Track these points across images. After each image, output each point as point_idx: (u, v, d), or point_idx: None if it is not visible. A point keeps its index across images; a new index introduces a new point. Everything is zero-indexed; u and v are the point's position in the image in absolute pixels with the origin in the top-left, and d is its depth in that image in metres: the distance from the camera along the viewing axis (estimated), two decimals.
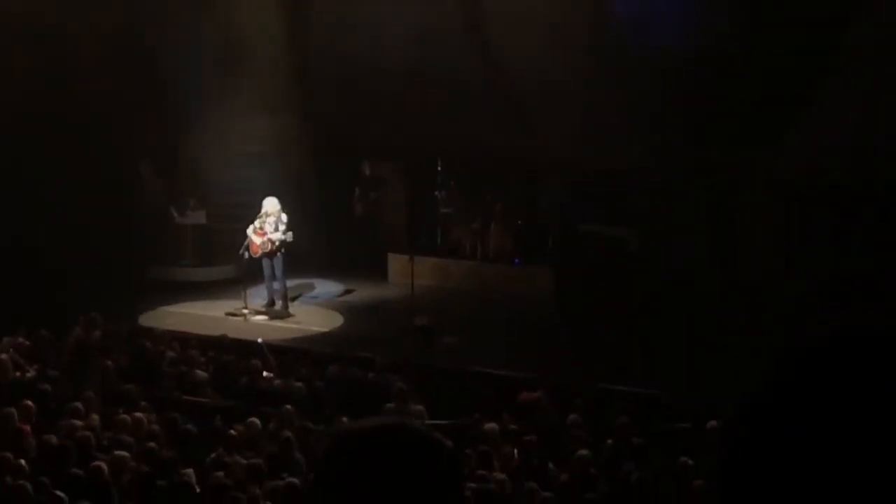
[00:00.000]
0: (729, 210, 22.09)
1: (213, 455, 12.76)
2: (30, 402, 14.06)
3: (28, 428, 13.23)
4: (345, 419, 12.82)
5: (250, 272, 20.91)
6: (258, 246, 20.57)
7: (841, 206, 20.95)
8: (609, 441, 13.67)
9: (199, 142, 23.20)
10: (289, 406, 14.64)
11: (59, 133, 22.28)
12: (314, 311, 21.33)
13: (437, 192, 23.52)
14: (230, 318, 20.65)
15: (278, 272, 20.76)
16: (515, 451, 13.41)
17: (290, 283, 21.26)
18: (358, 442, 2.19)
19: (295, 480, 11.47)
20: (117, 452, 12.29)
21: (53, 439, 12.81)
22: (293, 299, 21.42)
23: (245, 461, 12.54)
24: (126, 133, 22.84)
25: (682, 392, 16.28)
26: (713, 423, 13.83)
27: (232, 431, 13.53)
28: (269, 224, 20.53)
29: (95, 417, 13.89)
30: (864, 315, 1.54)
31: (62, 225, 21.71)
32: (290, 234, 20.51)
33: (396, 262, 22.70)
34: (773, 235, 21.42)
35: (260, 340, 18.18)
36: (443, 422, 14.24)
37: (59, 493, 11.00)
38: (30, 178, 22.12)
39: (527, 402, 15.52)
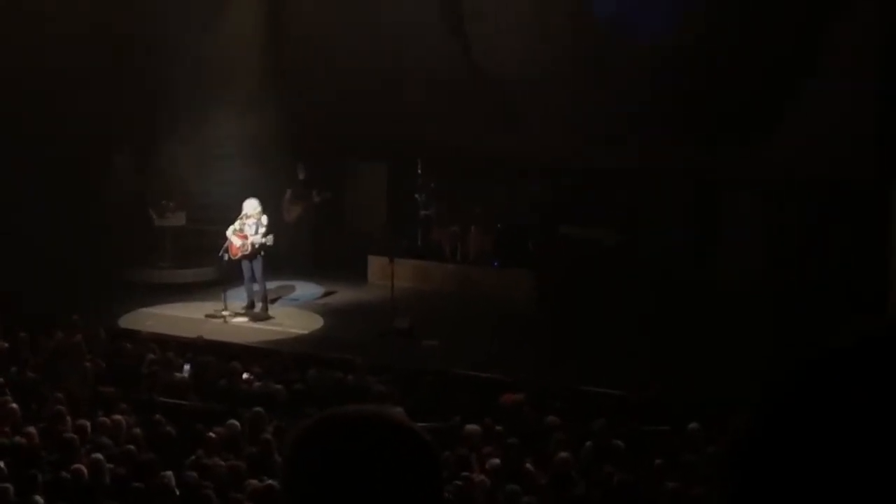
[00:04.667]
0: (710, 209, 22.13)
1: (192, 457, 12.74)
2: (13, 404, 14.05)
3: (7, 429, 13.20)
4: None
5: (230, 274, 20.88)
6: (238, 248, 20.53)
7: (820, 205, 21.02)
8: (589, 443, 13.68)
9: (178, 142, 23.16)
10: (259, 409, 14.56)
11: (30, 128, 22.19)
12: (294, 313, 21.30)
13: (416, 195, 23.50)
14: (210, 319, 20.60)
15: (258, 274, 20.73)
16: (496, 453, 13.39)
17: (269, 285, 21.23)
18: (333, 427, 2.15)
19: (274, 483, 11.44)
20: (95, 455, 12.25)
21: (33, 440, 12.80)
22: (273, 301, 21.40)
23: (224, 463, 12.51)
24: (102, 131, 22.79)
25: (662, 393, 16.30)
26: (693, 424, 13.87)
27: (211, 434, 13.48)
28: (250, 226, 20.49)
29: (68, 419, 13.81)
30: (876, 325, 1.54)
31: (37, 224, 21.62)
32: (270, 237, 20.47)
33: (376, 264, 22.69)
34: (754, 234, 21.45)
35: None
36: (423, 424, 14.22)
37: (37, 497, 10.94)
38: (3, 177, 22.07)
39: (510, 403, 15.53)
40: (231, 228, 20.56)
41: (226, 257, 20.55)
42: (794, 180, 20.70)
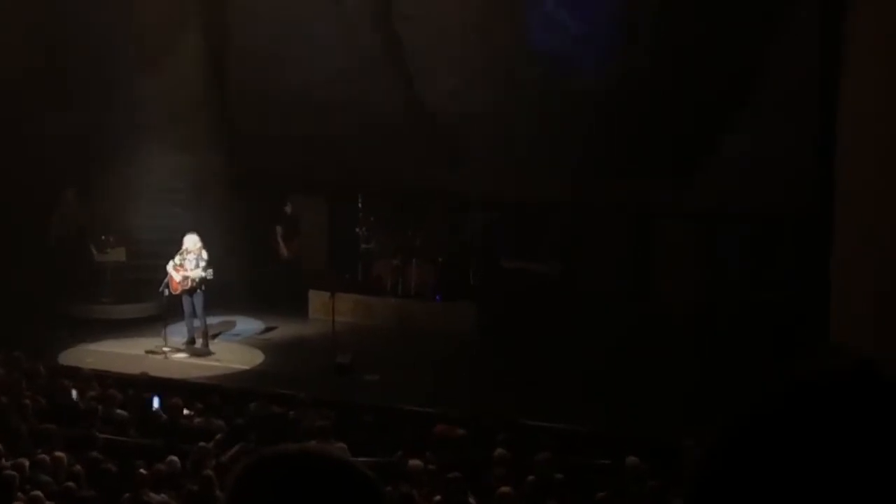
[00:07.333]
0: (647, 242, 22.23)
1: (127, 494, 12.66)
2: None
3: None
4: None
5: (170, 309, 20.79)
6: (178, 283, 20.46)
7: (762, 235, 21.18)
8: (531, 477, 13.70)
9: (119, 178, 23.07)
10: (204, 443, 14.53)
11: None
12: (235, 349, 21.23)
13: (357, 228, 23.49)
14: (150, 355, 20.49)
15: (198, 309, 20.66)
16: (439, 487, 13.39)
17: (210, 320, 21.16)
18: (275, 466, 2.13)
19: None
20: (34, 492, 12.16)
21: None
22: (214, 337, 21.32)
23: (161, 500, 12.45)
24: (45, 165, 22.68)
25: (603, 427, 16.38)
26: (632, 458, 13.92)
27: (142, 470, 13.38)
28: (190, 261, 20.44)
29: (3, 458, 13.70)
30: (834, 362, 1.57)
31: None
32: (209, 271, 20.42)
33: (317, 299, 22.64)
34: (696, 265, 21.54)
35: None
36: (366, 459, 14.20)
37: None
38: None
39: (443, 434, 15.55)
40: (171, 263, 20.50)
41: (166, 292, 20.48)
42: (736, 211, 20.84)
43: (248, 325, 22.54)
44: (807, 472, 1.49)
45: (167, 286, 20.44)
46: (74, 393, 17.04)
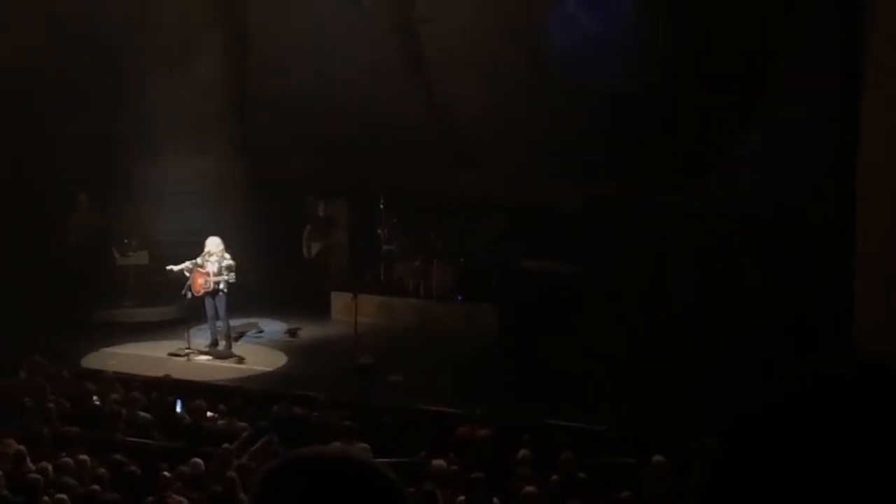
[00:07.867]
0: (669, 243, 22.18)
1: (151, 497, 12.70)
2: None
3: None
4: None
5: (193, 312, 20.82)
6: (200, 285, 20.48)
7: (779, 239, 21.12)
8: (555, 476, 13.70)
9: (141, 181, 23.13)
10: (227, 445, 14.57)
11: None
12: (258, 351, 21.25)
13: (379, 230, 23.51)
14: (173, 358, 20.53)
15: (221, 311, 20.67)
16: (462, 488, 13.40)
17: (233, 322, 21.18)
18: (298, 468, 2.14)
19: None
20: (59, 496, 12.20)
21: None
22: (237, 339, 21.34)
23: (187, 502, 12.49)
24: (66, 168, 22.73)
25: (625, 426, 16.37)
26: (658, 457, 13.91)
27: (166, 473, 13.42)
28: (212, 263, 20.45)
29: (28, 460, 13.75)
30: (842, 362, 1.58)
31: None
32: (232, 274, 20.44)
33: (340, 301, 22.67)
34: (702, 269, 21.48)
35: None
36: (389, 460, 14.21)
37: None
38: None
39: (465, 436, 15.56)
40: (192, 264, 20.48)
41: (189, 294, 20.51)
42: (751, 215, 20.77)
43: (270, 326, 22.58)
44: (815, 472, 1.50)
45: (189, 288, 20.47)
46: (96, 398, 17.10)
